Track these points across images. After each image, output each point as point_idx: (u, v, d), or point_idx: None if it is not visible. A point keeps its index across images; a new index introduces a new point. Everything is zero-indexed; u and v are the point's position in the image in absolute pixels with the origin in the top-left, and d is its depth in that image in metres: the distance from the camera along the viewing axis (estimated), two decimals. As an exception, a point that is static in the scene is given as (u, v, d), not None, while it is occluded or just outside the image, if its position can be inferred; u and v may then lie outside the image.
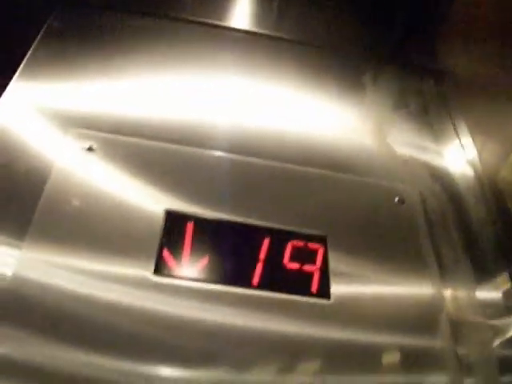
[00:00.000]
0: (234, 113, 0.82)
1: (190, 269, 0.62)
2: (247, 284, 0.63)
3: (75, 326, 0.57)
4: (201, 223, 0.66)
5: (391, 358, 0.62)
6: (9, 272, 0.58)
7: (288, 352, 0.60)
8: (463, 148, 0.86)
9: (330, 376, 0.60)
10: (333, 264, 0.66)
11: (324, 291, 0.64)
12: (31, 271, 0.59)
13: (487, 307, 0.69)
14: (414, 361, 0.62)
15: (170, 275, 0.61)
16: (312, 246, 0.67)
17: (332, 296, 0.64)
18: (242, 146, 0.77)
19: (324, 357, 0.60)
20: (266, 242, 0.66)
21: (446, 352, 0.64)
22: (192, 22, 0.95)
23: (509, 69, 0.80)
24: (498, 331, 0.67)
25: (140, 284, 0.60)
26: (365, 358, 0.61)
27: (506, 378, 0.64)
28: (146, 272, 0.61)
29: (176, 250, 0.63)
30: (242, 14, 1.03)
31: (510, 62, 0.80)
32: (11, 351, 0.54)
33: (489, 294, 0.71)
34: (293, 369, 0.59)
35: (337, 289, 0.65)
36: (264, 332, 0.60)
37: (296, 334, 0.61)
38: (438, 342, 0.64)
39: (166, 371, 0.56)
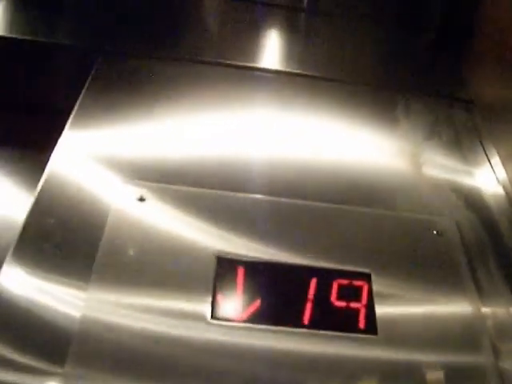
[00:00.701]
0: (271, 154, 0.85)
1: (243, 313, 0.66)
2: (298, 323, 0.66)
3: (141, 361, 0.60)
4: (250, 267, 0.69)
5: (436, 377, 0.64)
6: (77, 314, 0.62)
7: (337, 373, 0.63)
8: (495, 175, 0.89)
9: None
10: (378, 299, 0.69)
11: (371, 327, 0.67)
12: (97, 312, 0.63)
13: None
14: (458, 380, 0.65)
15: (225, 319, 0.65)
16: (357, 283, 0.70)
17: (379, 331, 0.67)
18: (282, 188, 0.80)
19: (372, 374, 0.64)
20: (314, 282, 0.69)
21: (489, 369, 0.66)
22: (225, 64, 0.99)
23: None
24: None
25: (198, 327, 0.64)
26: (410, 381, 0.64)
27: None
28: (204, 316, 0.64)
29: (229, 294, 0.67)
30: (271, 54, 1.07)
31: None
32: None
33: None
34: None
35: (383, 323, 0.67)
36: (316, 368, 0.63)
37: (347, 369, 0.64)
38: (480, 360, 0.66)
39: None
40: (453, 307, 0.71)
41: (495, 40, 0.97)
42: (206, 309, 0.65)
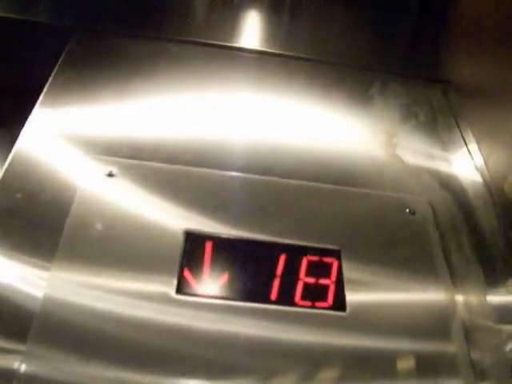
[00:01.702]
0: (246, 133, 0.84)
1: (210, 287, 0.65)
2: (265, 299, 0.65)
3: (104, 343, 0.59)
4: (219, 242, 0.68)
5: (406, 364, 0.64)
6: (40, 294, 0.61)
7: (306, 363, 0.62)
8: (471, 156, 0.88)
9: (347, 380, 0.62)
10: (347, 277, 0.69)
11: (339, 304, 0.66)
12: (61, 292, 0.62)
13: (499, 312, 0.70)
14: (428, 366, 0.64)
15: (191, 294, 0.64)
16: (326, 260, 0.69)
17: (347, 308, 0.66)
18: (254, 166, 0.79)
19: (340, 366, 0.63)
20: (283, 258, 0.68)
21: (460, 357, 0.65)
22: (204, 44, 0.98)
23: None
24: (510, 335, 0.68)
25: (163, 303, 0.63)
26: (380, 366, 0.63)
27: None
28: (169, 291, 0.64)
29: (196, 269, 0.66)
30: (252, 35, 1.06)
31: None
32: (44, 371, 0.57)
33: (500, 298, 0.72)
34: (311, 379, 0.61)
35: (352, 300, 0.67)
36: (283, 345, 0.63)
37: (313, 345, 0.63)
38: (451, 348, 0.66)
39: (190, 384, 0.59)
40: (424, 287, 0.71)
41: (471, 21, 0.96)
42: (172, 285, 0.64)
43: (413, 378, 0.63)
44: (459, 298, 0.71)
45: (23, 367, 0.57)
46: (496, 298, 0.72)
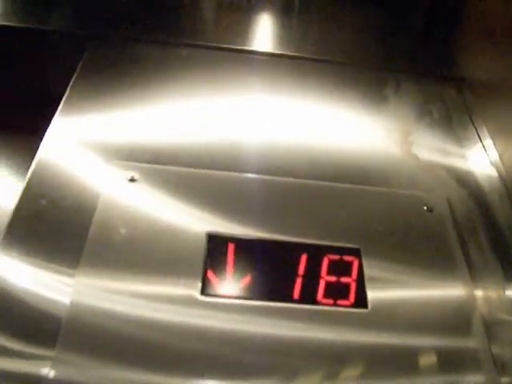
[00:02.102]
0: (264, 135, 0.86)
1: (233, 288, 0.66)
2: (288, 298, 0.66)
3: (131, 346, 0.61)
4: (241, 243, 0.70)
5: (428, 359, 0.65)
6: (67, 300, 0.63)
7: (329, 361, 0.63)
8: (486, 152, 0.89)
9: (370, 381, 0.63)
10: (368, 274, 0.70)
11: (361, 301, 0.68)
12: (87, 297, 0.63)
13: None
14: (450, 362, 0.65)
15: (215, 295, 0.65)
16: (347, 258, 0.71)
17: (369, 305, 0.67)
18: (273, 167, 0.81)
19: (364, 363, 0.64)
20: (304, 258, 0.69)
21: (481, 352, 0.66)
22: (217, 48, 0.99)
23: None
24: None
25: (189, 304, 0.64)
26: (402, 361, 0.64)
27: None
28: (194, 293, 0.65)
29: (220, 271, 0.67)
30: (264, 37, 1.07)
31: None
32: (73, 376, 0.58)
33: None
34: (335, 376, 0.62)
35: (373, 298, 0.68)
36: (306, 343, 0.64)
37: (336, 343, 0.64)
38: (472, 343, 0.67)
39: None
40: (444, 285, 0.72)
41: (484, 18, 0.97)
42: (196, 286, 0.66)
43: (435, 373, 0.64)
44: (478, 292, 0.72)
45: (52, 373, 0.58)
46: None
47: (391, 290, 0.70)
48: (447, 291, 0.71)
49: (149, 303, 0.64)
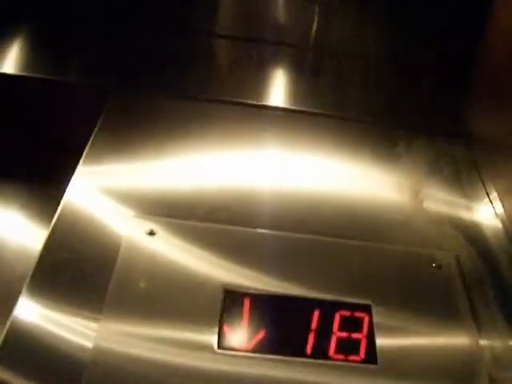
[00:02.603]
0: (278, 190, 0.89)
1: (248, 342, 0.68)
2: (301, 353, 0.68)
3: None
4: (256, 299, 0.72)
5: None
6: (90, 344, 0.65)
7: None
8: (494, 209, 0.91)
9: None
10: (378, 330, 0.72)
11: (371, 357, 0.69)
12: (109, 343, 0.66)
13: None
14: None
15: (230, 348, 0.68)
16: (358, 314, 0.73)
17: (379, 361, 0.69)
18: (287, 223, 0.83)
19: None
20: (317, 313, 0.72)
21: None
22: (234, 102, 1.03)
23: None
24: None
25: (206, 356, 0.67)
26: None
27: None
28: (210, 346, 0.67)
29: (235, 325, 0.69)
30: (278, 93, 1.11)
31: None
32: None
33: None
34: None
35: (382, 353, 0.70)
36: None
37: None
38: None
39: None
40: (451, 340, 0.73)
41: (491, 79, 1.00)
42: (213, 339, 0.68)
43: None
44: (485, 347, 0.73)
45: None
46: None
47: (400, 345, 0.72)
48: (454, 346, 0.73)
49: (168, 350, 0.66)
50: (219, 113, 1.02)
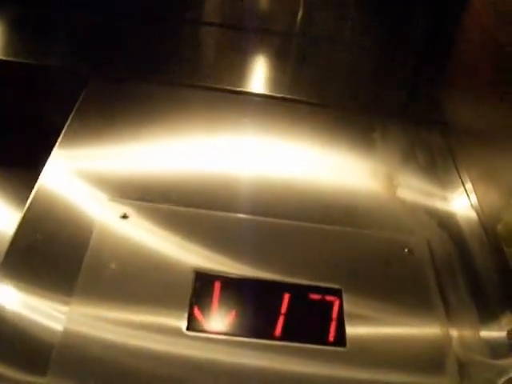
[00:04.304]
0: (253, 175, 0.89)
1: (218, 324, 0.69)
2: (270, 336, 0.69)
3: (121, 375, 0.63)
4: (227, 281, 0.72)
5: None
6: (59, 327, 0.65)
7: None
8: (468, 196, 0.92)
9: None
10: (348, 314, 0.72)
11: (340, 340, 0.70)
12: (79, 326, 0.66)
13: (492, 347, 0.73)
14: None
15: (200, 330, 0.68)
16: (328, 298, 0.73)
17: (347, 344, 0.70)
18: (260, 208, 0.84)
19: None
20: (287, 297, 0.72)
21: None
22: (213, 88, 1.03)
23: (505, 118, 0.86)
24: (502, 370, 0.71)
25: (175, 338, 0.67)
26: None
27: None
28: (180, 327, 0.67)
29: (205, 307, 0.70)
30: (259, 79, 1.11)
31: (507, 111, 0.86)
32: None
33: (494, 334, 0.75)
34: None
35: (351, 337, 0.70)
36: (286, 379, 0.66)
37: (316, 379, 0.67)
38: (445, 382, 0.69)
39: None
40: (420, 323, 0.74)
41: (467, 67, 1.01)
42: (182, 321, 0.68)
43: None
44: (454, 333, 0.74)
45: (43, 400, 0.60)
46: (489, 333, 0.75)
47: (369, 329, 0.72)
48: (424, 331, 0.73)
49: (138, 334, 0.66)
50: (198, 98, 1.02)
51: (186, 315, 0.69)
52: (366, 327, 0.72)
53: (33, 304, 0.67)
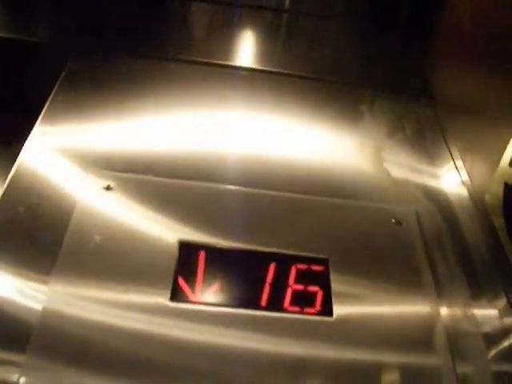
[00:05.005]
0: (240, 147, 0.88)
1: (203, 294, 0.68)
2: (256, 306, 0.68)
3: (102, 354, 0.62)
4: (212, 251, 0.72)
5: (391, 375, 0.66)
6: (39, 307, 0.64)
7: (294, 367, 0.65)
8: (457, 168, 0.91)
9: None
10: (335, 284, 0.71)
11: (327, 310, 0.69)
12: (59, 305, 0.64)
13: (483, 323, 0.73)
14: (412, 377, 0.66)
15: (184, 301, 0.67)
16: (315, 268, 0.72)
17: (334, 314, 0.69)
18: (247, 179, 0.83)
19: (326, 371, 0.65)
20: (272, 266, 0.71)
21: (444, 368, 0.67)
22: (200, 62, 1.02)
23: (493, 91, 0.86)
24: (493, 346, 0.71)
25: (158, 310, 0.66)
26: (365, 375, 0.66)
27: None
28: (164, 299, 0.66)
29: (190, 278, 0.69)
30: (247, 53, 1.09)
31: (495, 84, 0.86)
32: (43, 382, 0.59)
33: (484, 310, 0.74)
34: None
35: (339, 307, 0.70)
36: (272, 350, 0.65)
37: (301, 351, 0.66)
38: (435, 359, 0.68)
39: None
40: (409, 296, 0.73)
41: (455, 41, 1.00)
42: (166, 292, 0.67)
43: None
44: (443, 307, 0.73)
45: (22, 379, 0.59)
46: (479, 310, 0.74)
47: (357, 300, 0.72)
48: (412, 304, 0.72)
49: (120, 311, 0.65)
50: (185, 73, 1.00)
51: (169, 287, 0.67)
52: (353, 298, 0.71)
53: (12, 281, 0.66)
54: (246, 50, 1.12)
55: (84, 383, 0.60)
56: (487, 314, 0.74)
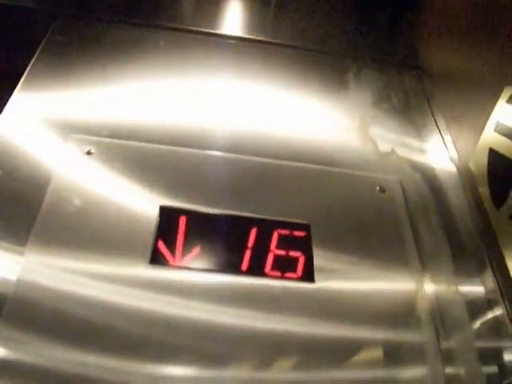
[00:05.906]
0: (224, 115, 0.87)
1: (183, 259, 0.67)
2: (236, 270, 0.68)
3: (76, 326, 0.61)
4: (193, 216, 0.71)
5: (373, 351, 0.66)
6: (13, 277, 0.63)
7: (273, 333, 0.64)
8: (443, 138, 0.91)
9: (313, 365, 0.63)
10: (317, 250, 0.71)
11: (309, 275, 0.69)
12: (34, 275, 0.63)
13: (468, 297, 0.72)
14: (395, 353, 0.65)
15: (164, 265, 0.66)
16: (297, 233, 0.72)
17: (316, 280, 0.69)
18: (232, 145, 0.82)
19: (306, 340, 0.65)
20: (254, 231, 0.71)
21: (428, 344, 0.66)
22: (188, 30, 1.01)
23: (480, 63, 0.85)
24: (479, 323, 0.70)
25: (137, 275, 0.65)
26: (346, 348, 0.65)
27: (486, 369, 0.66)
28: (143, 263, 0.66)
29: (170, 242, 0.68)
30: (236, 22, 1.08)
31: (480, 54, 0.85)
32: (16, 353, 0.58)
33: (469, 283, 0.74)
34: (275, 351, 0.63)
35: (321, 273, 0.69)
36: (252, 315, 0.65)
37: (281, 317, 0.65)
38: (419, 335, 0.67)
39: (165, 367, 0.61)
40: (393, 267, 0.73)
41: (443, 12, 0.99)
42: (146, 256, 0.66)
43: (379, 364, 0.65)
44: (429, 285, 0.72)
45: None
46: (464, 283, 0.74)
47: (339, 267, 0.71)
48: (396, 274, 0.72)
49: (98, 279, 0.64)
50: (172, 40, 0.99)
51: (150, 251, 0.67)
52: (335, 264, 0.71)
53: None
54: (234, 18, 1.10)
55: (58, 354, 0.59)
56: (472, 288, 0.74)
